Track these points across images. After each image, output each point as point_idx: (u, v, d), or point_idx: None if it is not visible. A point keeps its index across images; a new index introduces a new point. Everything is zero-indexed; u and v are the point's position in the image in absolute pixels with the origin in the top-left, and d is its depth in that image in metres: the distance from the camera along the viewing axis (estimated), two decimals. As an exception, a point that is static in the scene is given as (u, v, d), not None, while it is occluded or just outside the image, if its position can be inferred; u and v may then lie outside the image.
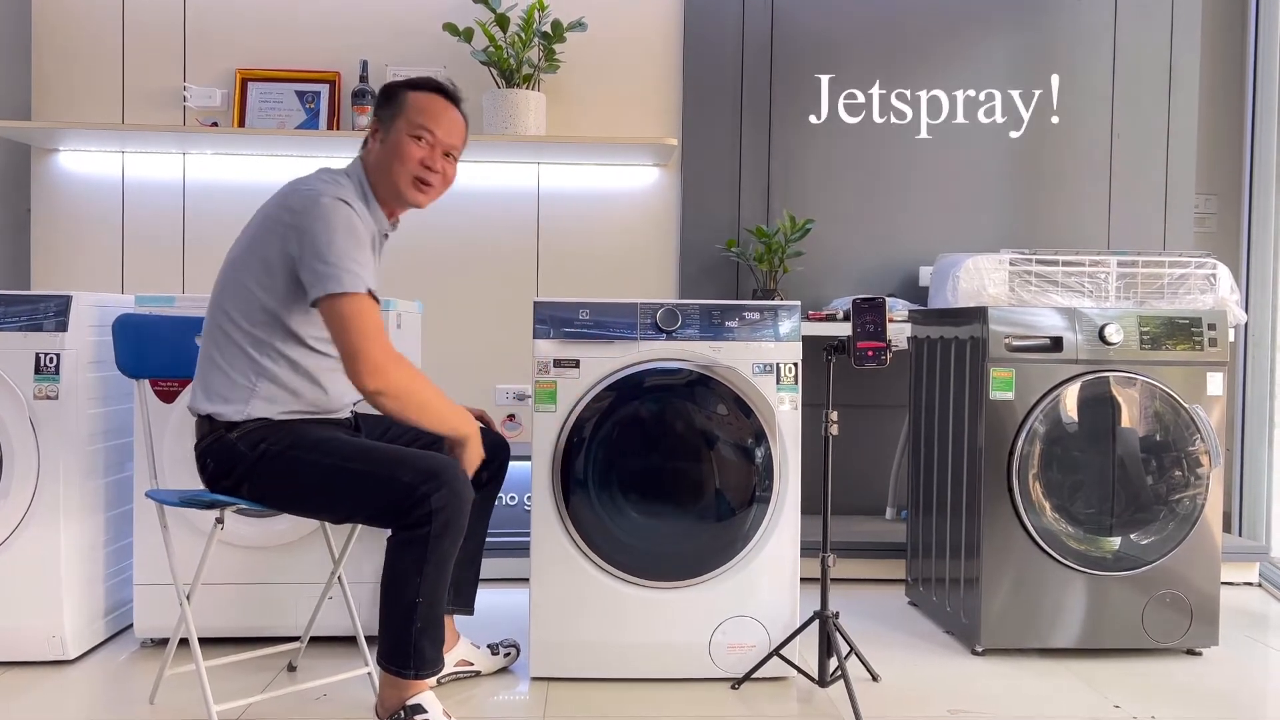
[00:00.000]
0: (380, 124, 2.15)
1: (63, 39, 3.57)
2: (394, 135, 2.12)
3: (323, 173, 2.12)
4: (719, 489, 2.38)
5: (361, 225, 2.01)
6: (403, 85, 2.18)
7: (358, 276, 1.94)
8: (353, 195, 2.08)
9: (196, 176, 3.63)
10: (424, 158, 2.13)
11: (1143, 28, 3.77)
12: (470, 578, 2.39)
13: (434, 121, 2.14)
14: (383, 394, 1.94)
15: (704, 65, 3.70)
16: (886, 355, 2.17)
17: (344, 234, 1.96)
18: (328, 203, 1.98)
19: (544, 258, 3.71)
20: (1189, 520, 2.56)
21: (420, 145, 2.12)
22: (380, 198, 2.16)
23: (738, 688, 2.36)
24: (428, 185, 2.15)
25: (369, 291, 1.95)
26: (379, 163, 2.14)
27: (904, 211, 3.76)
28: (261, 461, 2.00)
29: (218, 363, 2.06)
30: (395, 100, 2.15)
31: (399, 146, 2.11)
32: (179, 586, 2.08)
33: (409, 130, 2.12)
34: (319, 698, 2.27)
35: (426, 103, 2.15)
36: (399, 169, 2.11)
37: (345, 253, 1.94)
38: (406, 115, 2.12)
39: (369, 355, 1.92)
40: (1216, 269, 2.99)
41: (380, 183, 2.15)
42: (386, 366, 1.93)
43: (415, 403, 1.98)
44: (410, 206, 2.19)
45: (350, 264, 1.94)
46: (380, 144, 2.14)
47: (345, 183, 2.10)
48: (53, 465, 2.40)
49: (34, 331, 2.40)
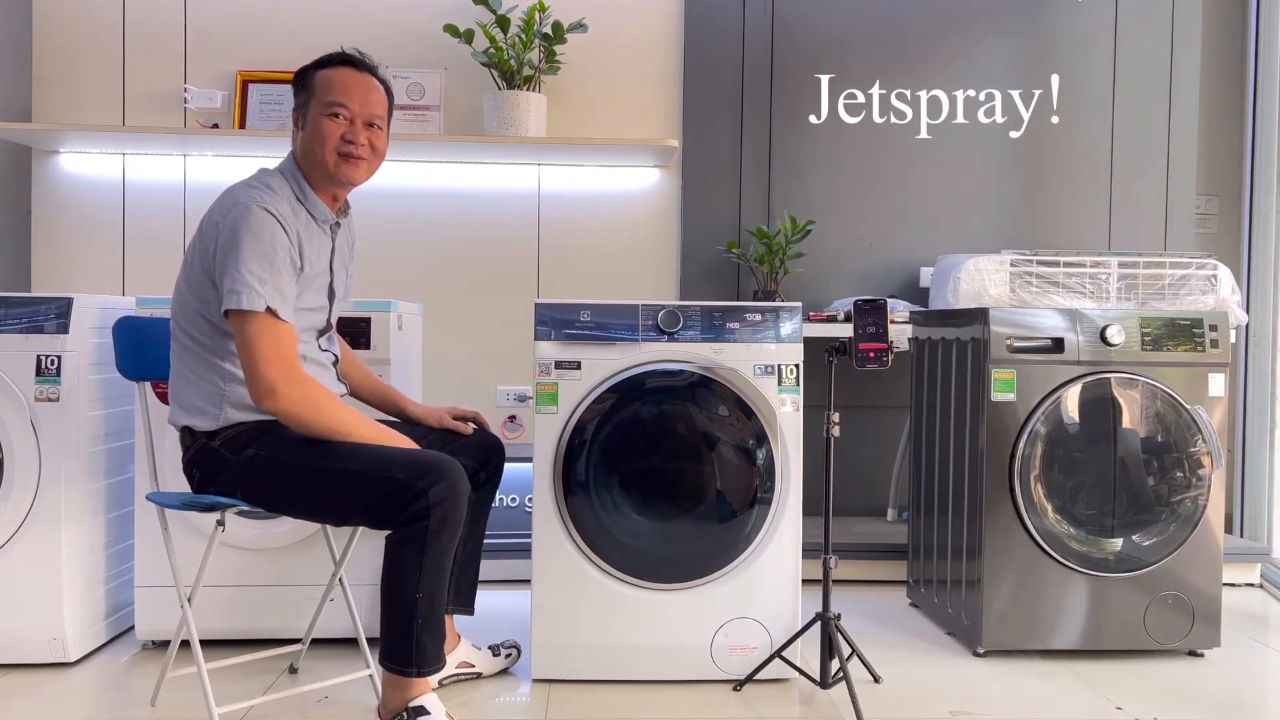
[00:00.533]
0: (298, 111, 2.14)
1: (63, 41, 3.57)
2: (310, 118, 2.11)
3: (257, 175, 2.10)
4: (720, 490, 2.38)
5: (282, 234, 1.98)
6: (311, 67, 2.15)
7: (256, 294, 1.91)
8: (284, 196, 2.06)
9: (197, 178, 3.62)
10: (344, 132, 2.10)
11: (1143, 28, 3.77)
12: (470, 578, 2.39)
13: (346, 94, 2.10)
14: (277, 414, 1.95)
15: (704, 66, 3.70)
16: (888, 357, 2.17)
17: (252, 247, 1.93)
18: (242, 212, 1.96)
19: (545, 259, 3.71)
20: (1190, 521, 2.56)
21: (337, 121, 2.09)
22: (316, 186, 2.13)
23: (739, 689, 2.35)
24: (354, 158, 2.11)
25: (269, 309, 1.92)
26: (305, 150, 2.12)
27: (905, 212, 3.76)
28: (251, 466, 1.99)
29: (184, 374, 2.06)
30: (307, 84, 2.13)
31: (316, 128, 2.09)
32: (180, 589, 2.08)
33: (322, 110, 2.09)
34: (320, 700, 2.26)
35: (336, 78, 2.12)
36: (321, 150, 2.09)
37: (249, 268, 1.92)
38: (318, 96, 2.10)
39: (260, 375, 1.92)
40: (1217, 270, 3.00)
41: (310, 170, 2.12)
42: (277, 388, 1.91)
43: (320, 425, 1.96)
44: (346, 185, 2.15)
45: (252, 280, 1.92)
46: (301, 130, 2.12)
47: (277, 183, 2.08)
48: (54, 467, 2.40)
49: (35, 333, 2.40)
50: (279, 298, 1.95)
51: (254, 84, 3.57)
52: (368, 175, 2.15)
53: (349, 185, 2.15)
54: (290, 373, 1.94)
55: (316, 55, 2.19)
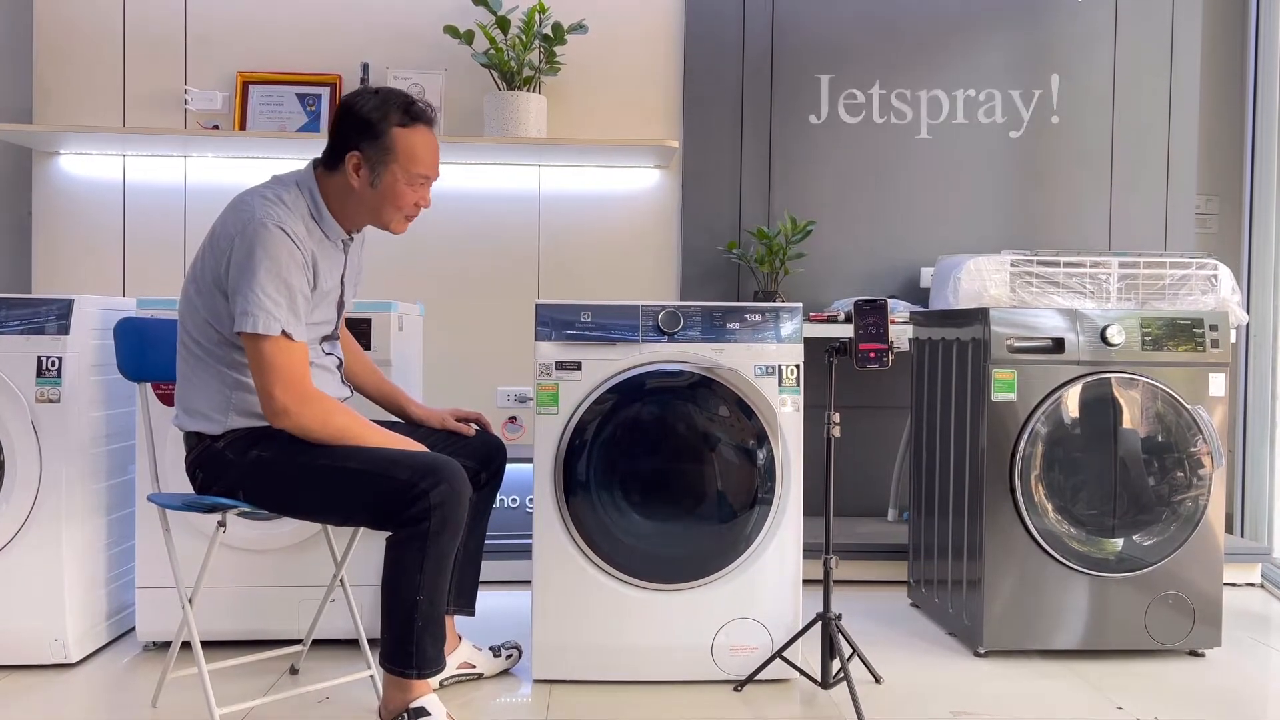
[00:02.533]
0: (366, 164, 2.05)
1: (64, 43, 3.58)
2: (387, 182, 2.05)
3: (271, 185, 2.08)
4: (721, 491, 2.38)
5: (298, 255, 1.97)
6: (388, 121, 2.04)
7: (272, 317, 1.91)
8: (299, 212, 2.04)
9: (198, 179, 3.63)
10: (419, 199, 2.11)
11: (1143, 28, 3.77)
12: (471, 578, 2.39)
13: (432, 166, 2.10)
14: (291, 432, 1.96)
15: (704, 67, 3.70)
16: (888, 357, 2.17)
17: (268, 268, 1.92)
18: (258, 230, 1.94)
19: (545, 260, 3.71)
20: (1191, 521, 2.56)
21: (415, 190, 2.09)
22: (343, 218, 2.11)
23: (740, 690, 2.35)
24: (412, 219, 2.15)
25: (284, 333, 1.93)
26: (362, 199, 2.07)
27: (905, 213, 3.76)
28: (255, 468, 2.00)
29: (191, 380, 2.06)
30: (384, 141, 2.04)
31: (395, 193, 2.07)
32: (181, 590, 2.08)
33: (407, 179, 2.06)
34: (321, 701, 2.27)
35: (421, 147, 2.07)
36: (391, 211, 2.09)
37: (264, 290, 1.92)
38: (402, 163, 2.05)
39: (273, 396, 1.93)
40: (1218, 270, 2.99)
41: (355, 213, 2.10)
42: (290, 409, 1.93)
43: (329, 434, 1.97)
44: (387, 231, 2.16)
45: (267, 302, 1.91)
46: (369, 186, 2.06)
47: (291, 199, 2.05)
48: (55, 468, 2.40)
49: (36, 335, 2.40)
50: (293, 320, 1.95)
51: (254, 85, 3.57)
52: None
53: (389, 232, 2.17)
54: (303, 393, 1.96)
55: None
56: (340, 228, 2.13)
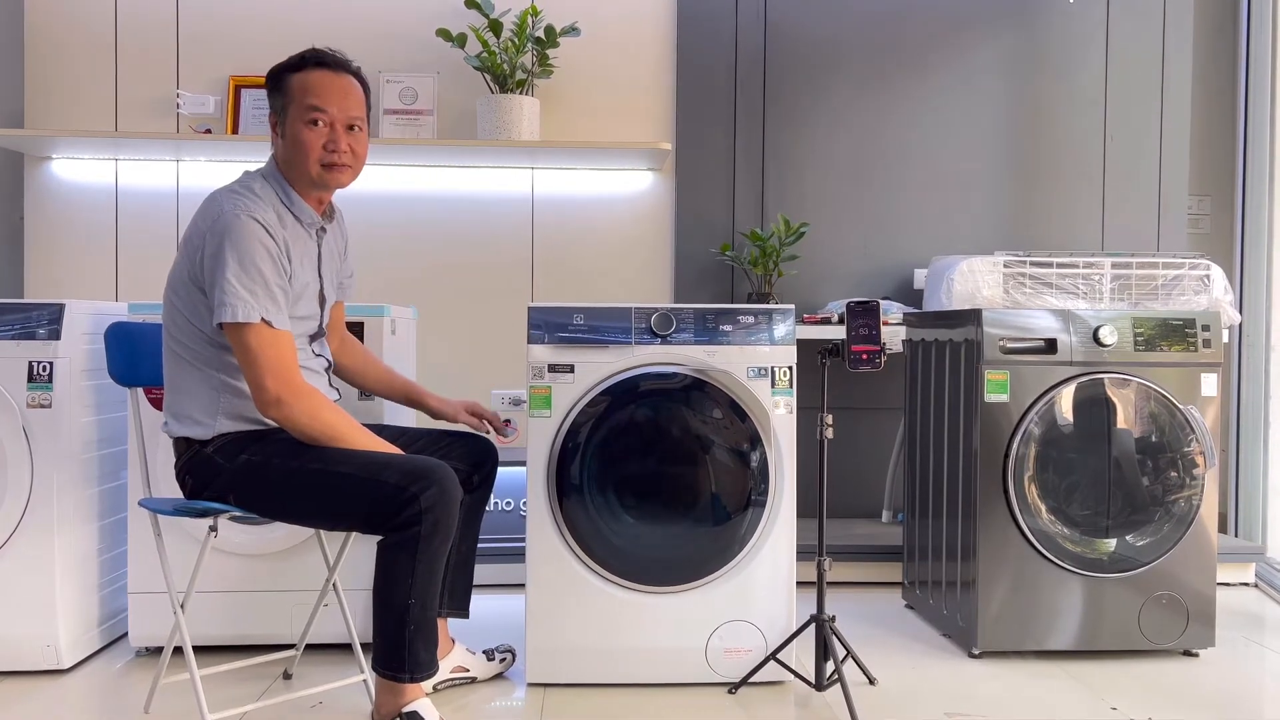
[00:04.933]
0: (276, 115, 2.09)
1: (56, 46, 3.57)
2: (290, 125, 2.06)
3: (241, 180, 2.08)
4: (714, 493, 2.38)
5: (269, 241, 1.97)
6: (284, 69, 2.09)
7: (249, 305, 1.90)
8: (269, 201, 2.04)
9: (190, 183, 3.62)
10: (326, 140, 2.06)
11: (1135, 29, 3.78)
12: (464, 581, 2.38)
13: (325, 99, 2.05)
14: (280, 422, 1.95)
15: (698, 69, 3.71)
16: (881, 358, 2.17)
17: (240, 257, 1.92)
18: (229, 221, 1.94)
19: (538, 262, 3.71)
20: (1185, 521, 2.56)
21: (317, 129, 2.05)
22: (300, 190, 2.11)
23: (734, 692, 2.35)
24: (339, 166, 2.07)
25: (264, 320, 1.91)
26: (286, 158, 2.09)
27: (898, 214, 3.76)
28: (245, 472, 1.99)
29: (179, 385, 2.05)
30: (282, 87, 2.08)
31: (297, 137, 2.06)
32: (173, 595, 2.07)
33: (301, 116, 2.05)
34: (314, 705, 2.26)
35: (313, 81, 2.06)
36: (304, 160, 2.06)
37: (239, 279, 1.91)
38: (296, 101, 2.06)
39: (264, 387, 1.91)
40: (1210, 270, 3.00)
41: (293, 177, 2.10)
42: (282, 399, 1.92)
43: (317, 431, 1.96)
44: (331, 190, 2.14)
45: (243, 291, 1.90)
46: (281, 137, 2.09)
47: (260, 188, 2.06)
48: (46, 474, 2.39)
49: (27, 340, 2.40)
50: (273, 307, 1.94)
51: (246, 89, 3.57)
52: (352, 179, 2.13)
53: (334, 189, 2.14)
54: (293, 382, 1.94)
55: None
56: (311, 210, 2.12)
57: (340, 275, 2.30)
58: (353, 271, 2.37)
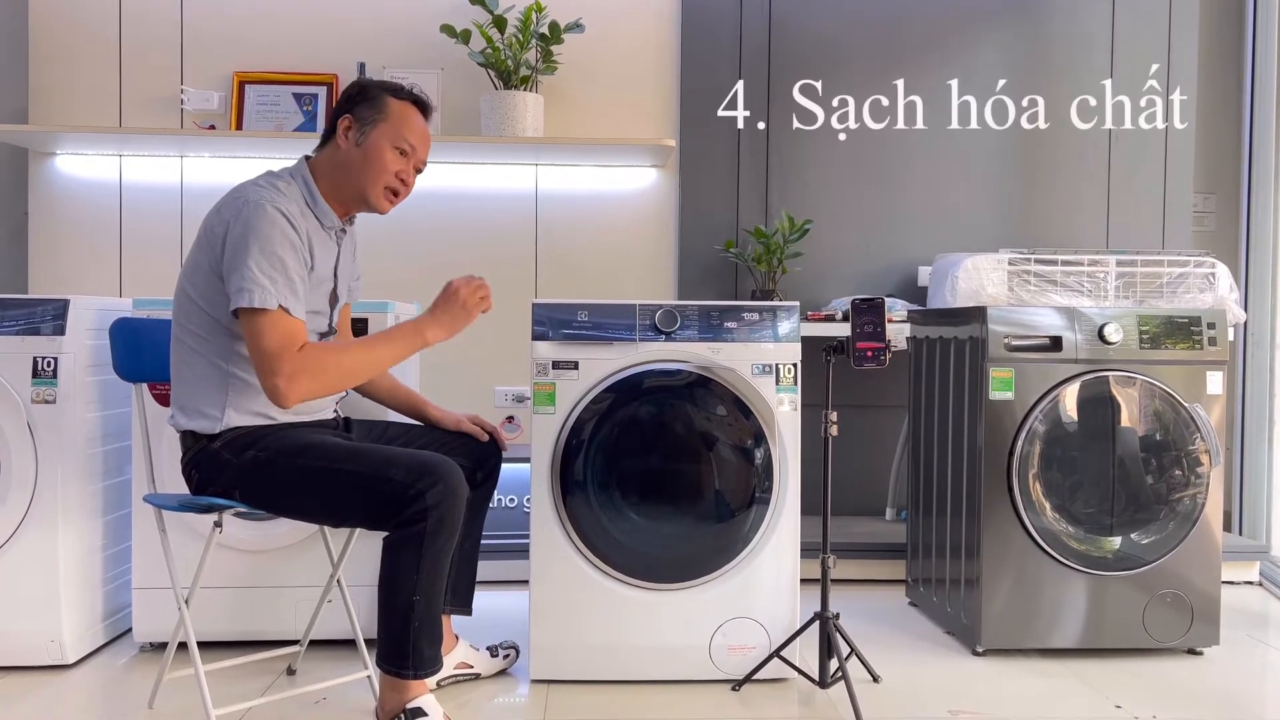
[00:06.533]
0: (357, 124, 2.10)
1: (60, 42, 3.57)
2: (372, 140, 2.08)
3: (265, 176, 2.08)
4: (719, 490, 2.38)
5: (292, 233, 1.97)
6: (385, 90, 2.13)
7: (268, 292, 1.90)
8: (293, 197, 2.05)
9: (194, 179, 3.62)
10: (401, 170, 2.11)
11: (1140, 26, 3.76)
12: (468, 578, 2.38)
13: (416, 137, 2.12)
14: (303, 398, 1.92)
15: (702, 66, 3.70)
16: (886, 355, 2.16)
17: (262, 244, 1.92)
18: (254, 209, 1.94)
19: (542, 259, 3.70)
20: (1189, 519, 2.56)
21: (402, 158, 2.11)
22: (334, 198, 2.12)
23: (738, 689, 2.35)
24: (398, 198, 2.14)
25: (281, 307, 1.91)
26: (348, 162, 2.09)
27: (902, 212, 3.75)
28: (251, 468, 1.99)
29: (187, 378, 2.05)
30: (378, 105, 2.10)
31: (378, 154, 2.08)
32: (178, 590, 2.07)
33: (392, 140, 2.09)
34: (318, 701, 2.26)
35: (413, 118, 2.13)
36: (373, 176, 2.08)
37: (260, 266, 1.91)
38: (391, 124, 2.09)
39: (271, 373, 1.89)
40: (1215, 268, 2.99)
41: (342, 182, 2.10)
42: (292, 384, 1.89)
43: (352, 377, 2.01)
44: (372, 211, 2.16)
45: (263, 278, 1.90)
46: (355, 145, 2.09)
47: (285, 185, 2.06)
48: (51, 469, 2.39)
49: (31, 335, 2.40)
50: (291, 296, 1.94)
51: (251, 85, 3.57)
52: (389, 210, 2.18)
53: (373, 212, 2.17)
54: (301, 364, 1.90)
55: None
56: (334, 214, 2.13)
57: (349, 279, 2.30)
58: (359, 275, 2.37)
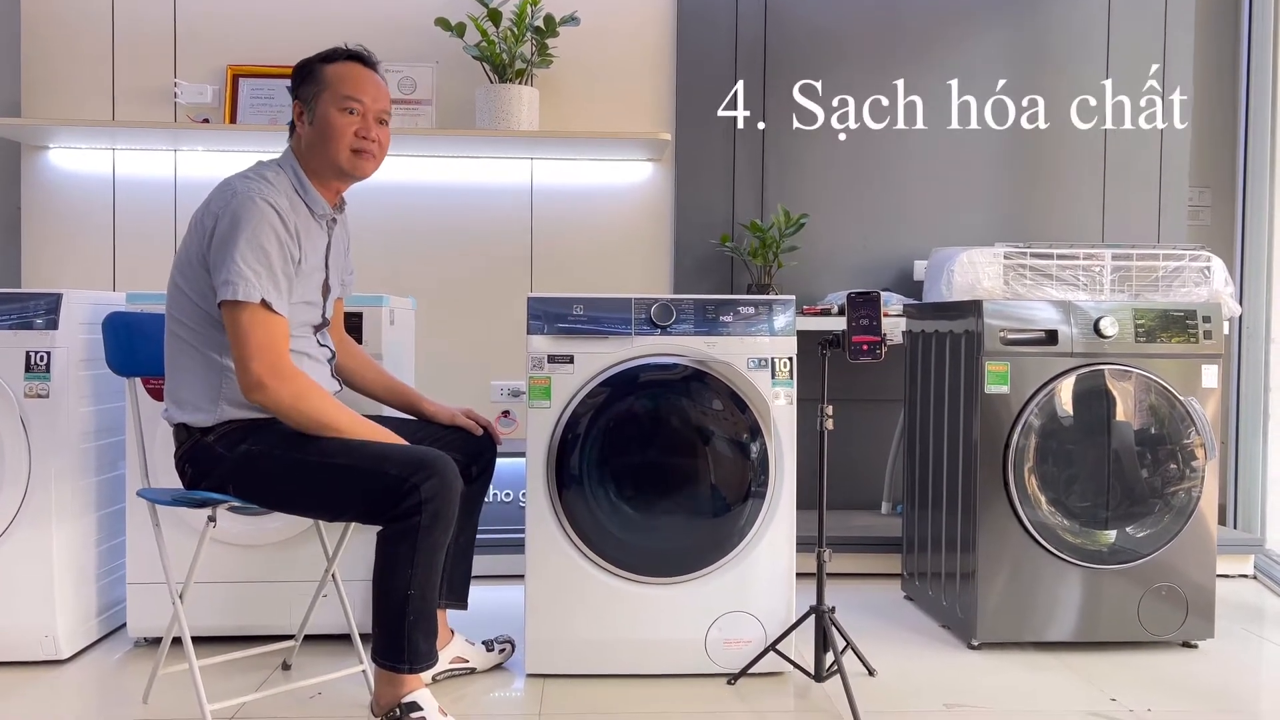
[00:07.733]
0: (304, 104, 2.12)
1: (53, 35, 3.55)
2: (320, 113, 2.09)
3: (255, 168, 2.09)
4: (714, 484, 2.38)
5: (280, 226, 1.97)
6: (317, 60, 2.13)
7: (251, 285, 1.90)
8: (283, 189, 2.05)
9: (188, 173, 3.60)
10: (358, 128, 2.10)
11: (1135, 20, 3.76)
12: (463, 572, 2.38)
13: (360, 90, 2.11)
14: (265, 407, 1.94)
15: (697, 59, 3.69)
16: (881, 349, 2.16)
17: (249, 239, 1.92)
18: (242, 202, 1.95)
19: (538, 253, 3.70)
20: (1184, 513, 2.56)
21: (352, 117, 2.09)
22: (317, 180, 2.12)
23: (734, 683, 2.35)
24: (367, 154, 2.12)
25: (263, 302, 1.91)
26: (311, 144, 2.10)
27: (898, 206, 3.75)
28: (245, 462, 1.98)
29: (180, 371, 2.05)
30: (315, 77, 2.11)
31: (329, 123, 2.08)
32: (172, 585, 2.07)
33: (337, 104, 2.09)
34: (313, 696, 2.26)
35: (349, 73, 2.11)
36: (334, 145, 2.08)
37: (245, 259, 1.91)
38: (331, 89, 2.09)
39: (249, 369, 1.91)
40: (1211, 262, 3.00)
41: (317, 163, 2.11)
42: (266, 383, 1.91)
43: (308, 418, 1.95)
44: (354, 179, 2.15)
45: (247, 271, 1.91)
46: (309, 125, 2.10)
47: (274, 176, 2.06)
48: (44, 464, 2.38)
49: (24, 329, 2.39)
50: (274, 290, 1.94)
51: (244, 78, 3.55)
52: (375, 169, 2.16)
53: (356, 179, 2.16)
54: (279, 366, 1.93)
55: (307, 49, 2.18)
56: (324, 201, 2.13)
57: (342, 272, 2.29)
58: (353, 269, 2.37)
